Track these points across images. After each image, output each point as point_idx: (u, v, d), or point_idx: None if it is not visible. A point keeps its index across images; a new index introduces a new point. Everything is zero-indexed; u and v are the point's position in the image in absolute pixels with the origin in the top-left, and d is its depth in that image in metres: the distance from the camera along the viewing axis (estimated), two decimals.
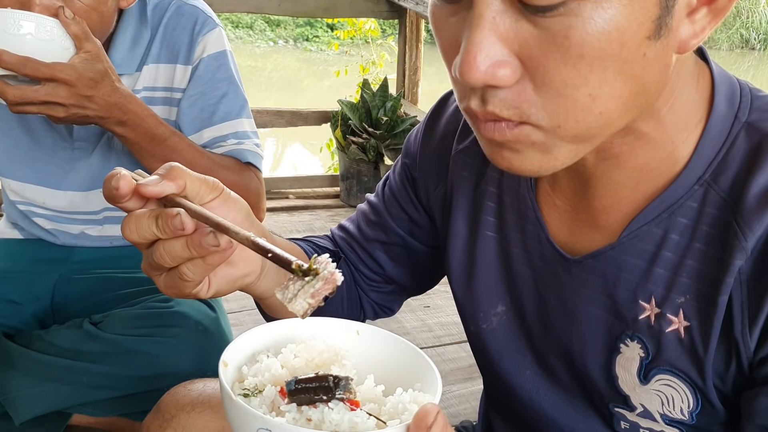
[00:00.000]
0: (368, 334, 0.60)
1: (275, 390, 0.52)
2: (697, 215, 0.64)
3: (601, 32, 0.50)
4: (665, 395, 0.67)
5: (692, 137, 0.64)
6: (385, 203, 0.94)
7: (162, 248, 0.60)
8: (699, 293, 0.63)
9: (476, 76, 0.52)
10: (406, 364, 0.57)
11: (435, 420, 0.48)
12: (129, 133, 1.16)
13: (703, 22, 0.56)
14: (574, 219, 0.72)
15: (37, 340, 1.28)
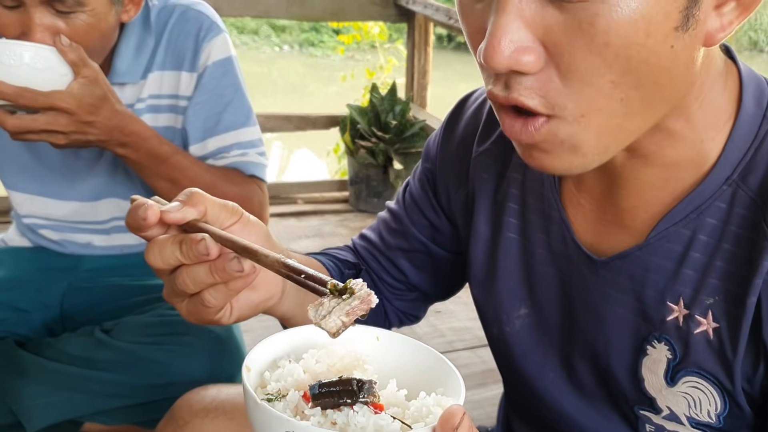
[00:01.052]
0: (388, 340, 0.59)
1: (298, 394, 0.52)
2: (725, 216, 0.63)
3: (628, 20, 0.50)
4: (692, 398, 0.67)
5: (720, 136, 0.63)
6: (406, 210, 0.93)
7: (185, 274, 0.60)
8: (728, 294, 0.63)
9: (500, 60, 0.52)
10: (427, 368, 0.57)
11: (461, 421, 0.47)
12: (132, 154, 1.16)
13: (731, 15, 0.55)
14: (600, 219, 0.71)
15: (48, 347, 1.27)
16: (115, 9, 1.14)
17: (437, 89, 3.90)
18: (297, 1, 3.19)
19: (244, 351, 1.34)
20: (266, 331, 2.18)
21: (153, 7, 1.28)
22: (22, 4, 1.05)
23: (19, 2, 1.05)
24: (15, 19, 1.07)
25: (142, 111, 1.28)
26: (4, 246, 1.49)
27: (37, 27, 1.06)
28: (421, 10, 3.31)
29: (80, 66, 1.07)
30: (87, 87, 1.07)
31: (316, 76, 11.89)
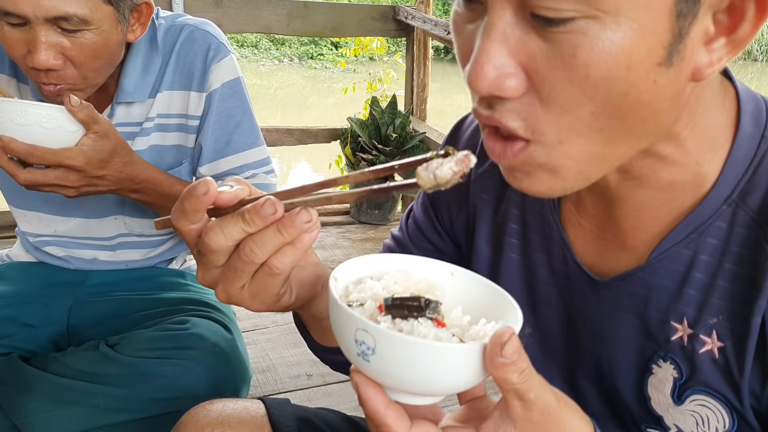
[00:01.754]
0: (461, 275, 0.63)
1: (375, 305, 0.56)
2: (726, 235, 0.63)
3: (609, 54, 0.50)
4: (700, 415, 0.67)
5: (719, 157, 0.63)
6: (409, 236, 0.94)
7: (252, 242, 0.58)
8: (731, 314, 0.63)
9: (483, 85, 0.53)
10: (491, 302, 0.60)
11: (510, 339, 0.49)
12: (143, 197, 1.19)
13: (721, 52, 0.54)
14: (601, 239, 0.72)
15: (54, 362, 1.27)
16: (121, 28, 1.15)
17: (435, 101, 3.92)
18: (298, 17, 3.21)
19: (247, 365, 1.34)
20: (269, 343, 2.18)
21: (160, 26, 1.29)
22: (27, 22, 1.06)
23: (25, 20, 1.06)
24: (21, 37, 1.08)
25: (150, 130, 1.30)
26: (9, 261, 1.49)
27: (42, 45, 1.07)
28: (420, 25, 3.33)
29: (90, 123, 1.08)
30: (97, 143, 1.09)
31: (315, 88, 11.92)
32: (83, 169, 1.08)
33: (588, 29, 0.49)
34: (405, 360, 0.50)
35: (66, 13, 1.06)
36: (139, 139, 1.30)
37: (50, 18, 1.06)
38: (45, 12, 1.05)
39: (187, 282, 1.46)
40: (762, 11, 0.52)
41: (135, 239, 1.40)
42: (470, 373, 0.52)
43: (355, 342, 0.52)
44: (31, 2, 1.04)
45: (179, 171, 1.33)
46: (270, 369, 2.07)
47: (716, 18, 0.53)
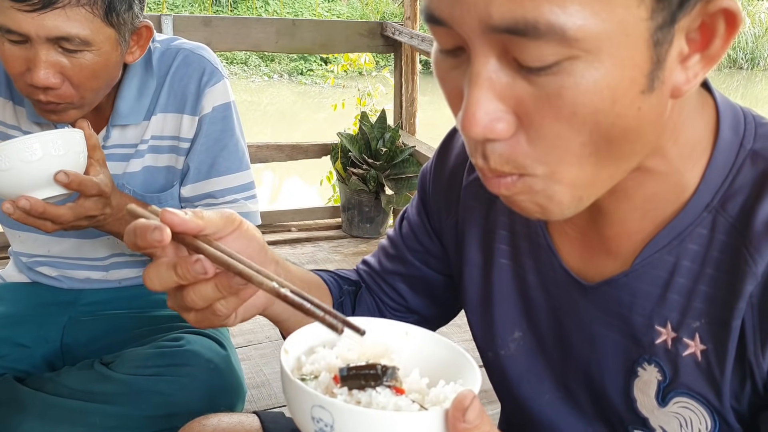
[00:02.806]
0: (415, 335, 0.63)
1: (329, 376, 0.56)
2: (707, 242, 0.65)
3: (593, 91, 0.52)
4: (683, 417, 0.68)
5: (699, 166, 0.65)
6: (402, 237, 0.96)
7: (192, 292, 0.62)
8: (713, 317, 0.64)
9: (476, 131, 0.55)
10: (448, 361, 0.60)
11: (471, 403, 0.50)
12: (124, 227, 1.16)
13: (696, 68, 0.56)
14: (586, 246, 0.74)
15: (49, 382, 1.28)
16: (120, 49, 1.17)
17: (425, 114, 3.95)
18: (286, 34, 3.24)
19: (242, 381, 1.35)
20: (263, 359, 2.19)
21: (155, 50, 1.30)
22: (28, 40, 1.08)
23: (26, 38, 1.07)
24: (21, 55, 1.10)
25: (144, 152, 1.31)
26: (2, 282, 1.49)
27: (42, 64, 1.08)
28: (407, 41, 3.36)
29: (97, 149, 1.10)
30: (104, 170, 1.11)
31: (305, 103, 11.94)
32: (109, 195, 1.10)
33: (571, 69, 0.51)
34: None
35: (68, 34, 1.07)
36: (133, 161, 1.31)
37: (52, 38, 1.07)
38: (47, 32, 1.06)
39: None
40: (731, 27, 0.54)
41: (128, 258, 1.41)
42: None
43: (312, 419, 0.51)
44: (34, 22, 1.05)
45: (170, 193, 1.34)
46: (264, 384, 2.08)
47: (689, 37, 0.55)
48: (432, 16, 0.56)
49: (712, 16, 0.54)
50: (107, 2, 1.09)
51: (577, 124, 0.53)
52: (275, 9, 14.07)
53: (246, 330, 2.39)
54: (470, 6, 0.51)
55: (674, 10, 0.52)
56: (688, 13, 0.53)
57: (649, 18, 0.51)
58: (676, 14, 0.52)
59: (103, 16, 1.10)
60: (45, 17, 1.05)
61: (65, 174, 1.03)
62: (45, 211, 1.04)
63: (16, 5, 1.05)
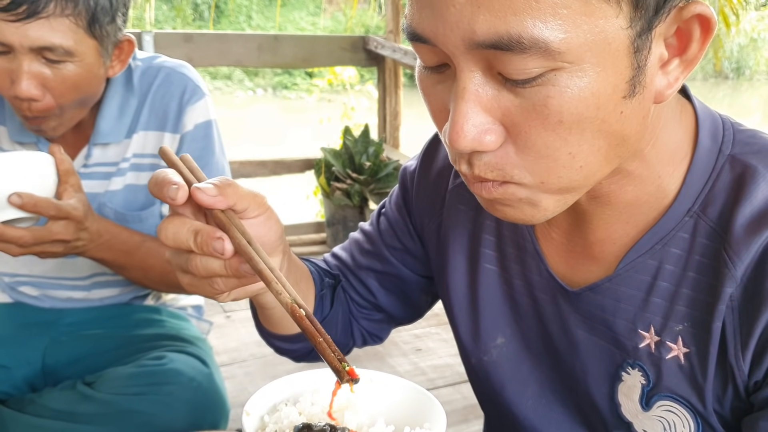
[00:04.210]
0: (380, 381, 0.64)
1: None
2: (689, 245, 0.66)
3: (578, 99, 0.53)
4: (667, 421, 0.69)
5: (679, 171, 0.67)
6: (380, 233, 0.96)
7: (199, 261, 0.62)
8: (695, 320, 0.66)
9: (464, 144, 0.56)
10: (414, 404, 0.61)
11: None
12: (107, 253, 1.18)
13: (676, 72, 0.59)
14: (571, 252, 0.75)
15: (30, 404, 1.26)
16: (103, 62, 1.18)
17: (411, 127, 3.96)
18: (268, 49, 3.25)
19: (225, 398, 1.35)
20: (248, 377, 2.18)
21: (136, 68, 1.31)
22: (11, 50, 1.09)
23: (9, 48, 1.09)
24: (4, 67, 1.11)
25: (125, 170, 1.31)
26: None
27: (25, 74, 1.09)
28: (390, 54, 3.38)
29: (71, 174, 1.09)
30: (79, 194, 1.10)
31: (290, 118, 11.95)
32: (81, 220, 1.09)
33: (556, 80, 0.53)
34: None
35: (52, 44, 1.09)
36: (115, 179, 1.31)
37: (35, 48, 1.09)
38: (31, 42, 1.08)
39: (162, 318, 1.46)
40: (706, 31, 0.56)
41: (109, 278, 1.40)
42: None
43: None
44: (18, 32, 1.07)
45: (151, 211, 1.34)
46: None
47: (667, 42, 0.57)
48: (415, 34, 0.57)
49: (687, 22, 0.56)
50: (91, 14, 1.11)
51: (564, 133, 0.55)
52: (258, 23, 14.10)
53: (230, 348, 2.38)
54: (453, 23, 0.53)
55: (650, 17, 0.54)
56: (664, 20, 0.55)
57: (628, 27, 0.53)
58: (653, 21, 0.54)
59: (87, 27, 1.11)
60: (29, 27, 1.07)
61: (18, 196, 1.01)
62: (2, 234, 1.03)
63: (2, 15, 1.06)
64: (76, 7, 1.09)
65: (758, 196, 0.63)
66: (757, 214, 0.63)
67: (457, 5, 0.52)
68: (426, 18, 0.55)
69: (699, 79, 15.48)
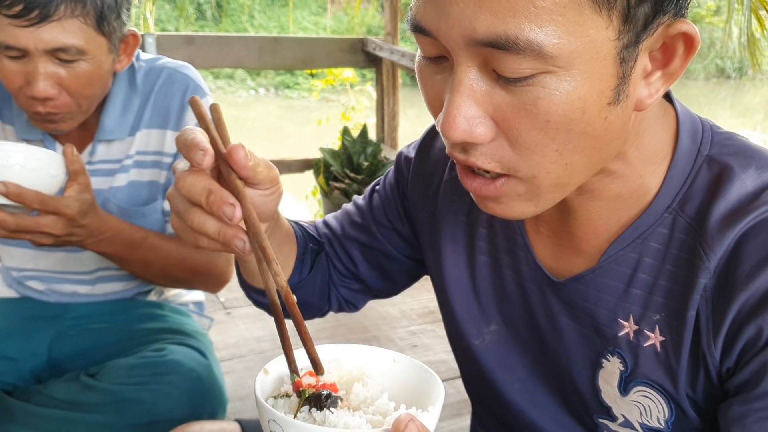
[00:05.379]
0: (403, 362, 0.68)
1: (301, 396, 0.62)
2: (667, 240, 0.71)
3: (566, 102, 0.58)
4: (643, 405, 0.73)
5: (660, 170, 0.71)
6: (371, 209, 0.99)
7: (198, 216, 0.63)
8: (671, 310, 0.70)
9: (455, 134, 0.60)
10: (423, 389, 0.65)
11: (406, 427, 0.54)
12: (108, 248, 1.23)
13: (657, 83, 0.63)
14: (557, 245, 0.79)
15: (36, 394, 1.31)
16: (112, 57, 1.23)
17: (411, 126, 3.99)
18: (268, 51, 3.29)
19: (224, 389, 1.39)
20: (247, 371, 2.22)
21: (139, 68, 1.36)
22: (26, 54, 1.14)
23: (24, 53, 1.14)
24: (19, 69, 1.15)
25: (129, 167, 1.36)
26: None
27: (41, 76, 1.14)
28: (388, 56, 3.42)
29: (80, 174, 1.14)
30: (82, 194, 1.14)
31: (292, 117, 11.95)
32: (73, 217, 1.13)
33: (546, 82, 0.57)
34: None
35: (65, 45, 1.13)
36: (119, 176, 1.36)
37: (49, 50, 1.13)
38: (45, 44, 1.13)
39: (164, 313, 1.50)
40: (689, 48, 0.61)
41: (114, 273, 1.44)
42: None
43: None
44: (32, 36, 1.12)
45: (154, 207, 1.38)
46: (248, 396, 2.11)
47: (652, 55, 0.62)
48: (418, 26, 0.61)
49: (672, 38, 0.61)
50: (98, 12, 1.16)
51: (551, 132, 0.60)
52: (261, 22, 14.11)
53: (230, 344, 2.42)
54: (456, 20, 0.57)
55: (639, 31, 0.58)
56: (651, 35, 0.59)
57: (617, 38, 0.58)
58: (641, 35, 0.59)
59: (96, 25, 1.16)
60: (42, 30, 1.12)
61: (3, 184, 1.05)
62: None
63: (15, 21, 1.11)
64: (85, 7, 1.14)
65: (732, 194, 0.68)
66: (731, 211, 0.67)
67: (460, 3, 0.56)
68: (430, 12, 0.59)
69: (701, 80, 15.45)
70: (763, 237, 0.65)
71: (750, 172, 0.68)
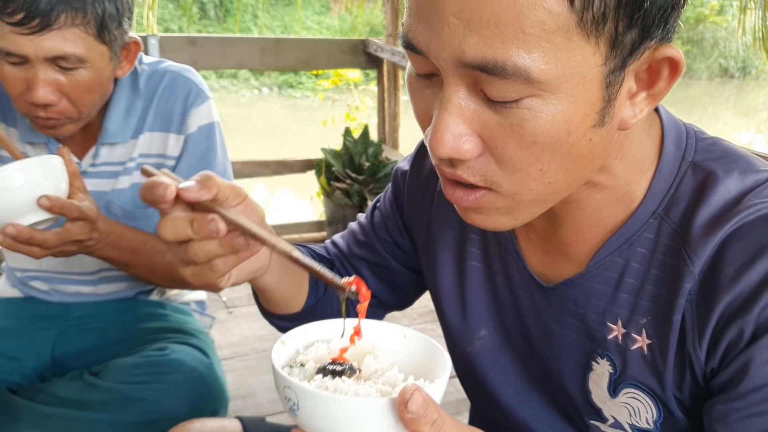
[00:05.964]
0: (413, 339, 0.70)
1: (315, 366, 0.65)
2: (653, 245, 0.72)
3: (552, 124, 0.59)
4: (632, 407, 0.75)
5: (646, 177, 0.73)
6: (373, 226, 1.02)
7: (197, 247, 0.67)
8: (657, 314, 0.71)
9: (443, 151, 0.62)
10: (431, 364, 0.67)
11: (412, 396, 0.55)
12: (114, 252, 1.24)
13: (642, 104, 0.64)
14: (547, 251, 0.80)
15: (40, 393, 1.32)
16: (112, 64, 1.24)
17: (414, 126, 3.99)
18: (271, 52, 3.30)
19: (225, 388, 1.41)
20: (249, 370, 2.25)
21: (142, 72, 1.37)
22: (27, 61, 1.15)
23: (24, 60, 1.15)
24: (20, 75, 1.17)
25: (132, 169, 1.37)
26: None
27: (41, 82, 1.15)
28: (389, 57, 3.43)
29: (77, 176, 1.15)
30: (87, 196, 1.16)
31: (295, 116, 11.94)
32: (94, 219, 1.14)
33: (533, 105, 0.58)
34: (322, 413, 0.57)
35: (65, 53, 1.15)
36: (122, 178, 1.37)
37: (50, 57, 1.14)
38: (45, 52, 1.14)
39: (166, 312, 1.52)
40: (674, 71, 0.62)
41: (116, 273, 1.45)
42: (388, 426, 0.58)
43: (285, 398, 0.60)
44: (33, 44, 1.13)
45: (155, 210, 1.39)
46: (250, 395, 2.13)
47: (638, 76, 0.63)
48: (410, 44, 0.62)
49: (658, 62, 0.62)
50: (99, 21, 1.17)
51: (536, 152, 0.61)
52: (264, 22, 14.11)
53: (232, 342, 2.44)
54: (446, 42, 0.58)
55: (625, 56, 0.59)
56: (638, 59, 0.60)
57: (604, 63, 0.59)
58: (627, 60, 0.60)
59: (96, 34, 1.17)
60: (43, 38, 1.13)
61: (47, 198, 1.07)
62: (32, 237, 1.08)
63: (16, 29, 1.12)
64: (86, 17, 1.15)
65: (715, 199, 0.69)
66: (714, 216, 0.68)
67: (451, 26, 0.57)
68: (421, 32, 0.60)
69: (704, 79, 15.41)
70: (745, 241, 0.66)
71: (733, 176, 0.70)
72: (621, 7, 0.56)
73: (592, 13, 0.55)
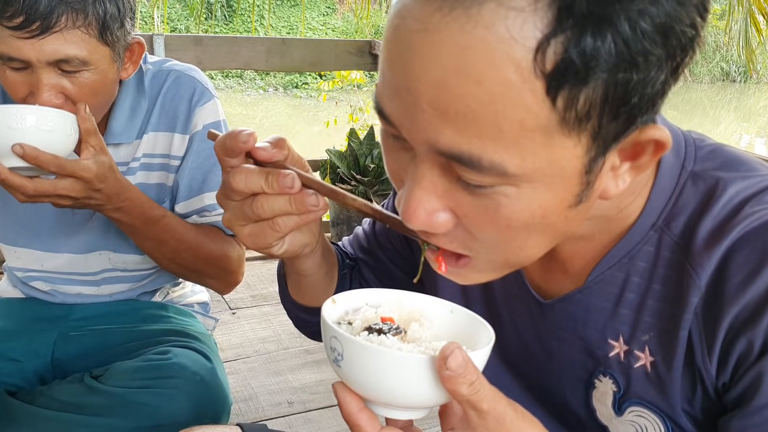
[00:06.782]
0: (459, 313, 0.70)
1: (363, 325, 0.66)
2: (654, 258, 0.70)
3: (527, 210, 0.58)
4: (639, 425, 0.73)
5: (644, 192, 0.70)
6: (375, 233, 1.02)
7: (265, 200, 0.67)
8: (661, 330, 0.69)
9: (416, 225, 0.61)
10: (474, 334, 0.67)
11: (452, 353, 0.55)
12: (124, 217, 1.23)
13: (625, 175, 0.62)
14: (545, 267, 0.79)
15: (40, 396, 1.31)
16: (116, 66, 1.22)
17: None
18: (276, 53, 3.29)
19: (227, 393, 1.39)
20: (251, 372, 2.23)
21: (147, 71, 1.36)
22: (29, 65, 1.13)
23: (27, 64, 1.13)
24: (23, 80, 1.15)
25: (136, 169, 1.36)
26: None
27: (45, 87, 1.13)
28: None
29: (92, 135, 1.14)
30: (99, 157, 1.14)
31: (300, 116, 11.98)
32: (90, 180, 1.13)
33: (507, 192, 0.57)
34: (363, 364, 0.58)
35: (67, 56, 1.13)
36: (126, 178, 1.36)
37: (52, 61, 1.13)
38: (47, 56, 1.12)
39: (169, 314, 1.51)
40: (659, 148, 0.59)
41: (119, 274, 1.45)
42: (426, 384, 0.58)
43: (330, 349, 0.61)
44: (34, 48, 1.11)
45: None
46: (252, 398, 2.12)
47: (621, 152, 0.60)
48: (383, 114, 0.60)
49: (643, 142, 0.59)
50: (101, 22, 1.15)
51: (512, 233, 0.60)
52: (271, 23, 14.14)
53: (235, 344, 2.43)
54: (420, 127, 0.56)
55: (609, 144, 0.57)
56: (621, 141, 0.57)
57: (585, 154, 0.56)
58: (610, 146, 0.57)
59: (98, 35, 1.16)
60: (44, 42, 1.11)
61: (20, 146, 1.06)
62: (6, 179, 1.08)
63: (17, 33, 1.10)
64: (87, 18, 1.13)
65: (717, 209, 0.67)
66: (717, 226, 0.66)
67: (426, 113, 0.54)
68: (396, 108, 0.57)
69: (706, 83, 15.39)
70: (749, 250, 0.64)
71: (735, 185, 0.68)
72: (607, 103, 0.53)
73: (576, 112, 0.52)
